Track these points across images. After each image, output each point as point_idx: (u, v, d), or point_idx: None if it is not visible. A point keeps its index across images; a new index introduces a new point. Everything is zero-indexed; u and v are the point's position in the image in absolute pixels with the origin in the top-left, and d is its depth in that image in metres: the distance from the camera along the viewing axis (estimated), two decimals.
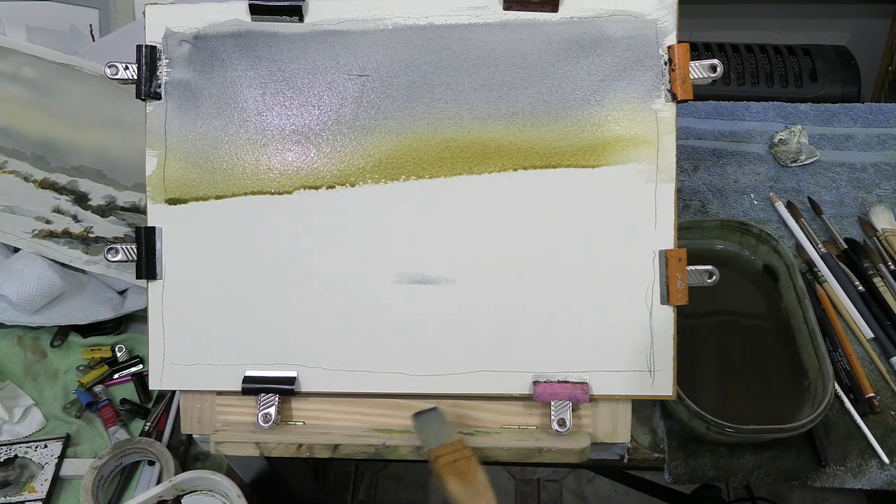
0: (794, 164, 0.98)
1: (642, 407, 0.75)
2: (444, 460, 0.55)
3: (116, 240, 0.85)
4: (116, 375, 0.83)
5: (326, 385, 0.62)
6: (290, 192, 0.62)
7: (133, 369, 0.83)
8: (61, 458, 0.76)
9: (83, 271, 0.85)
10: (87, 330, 0.86)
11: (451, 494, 0.53)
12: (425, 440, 0.58)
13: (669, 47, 0.59)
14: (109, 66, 0.61)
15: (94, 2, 0.84)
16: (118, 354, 0.84)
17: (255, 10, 0.61)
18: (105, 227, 0.85)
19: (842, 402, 0.75)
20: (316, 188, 0.62)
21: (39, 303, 0.81)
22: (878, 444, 0.72)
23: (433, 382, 0.62)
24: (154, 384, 0.63)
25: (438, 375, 0.62)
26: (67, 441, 0.78)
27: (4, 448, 0.77)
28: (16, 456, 0.76)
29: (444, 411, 0.60)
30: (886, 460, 0.71)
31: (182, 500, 0.70)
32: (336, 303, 0.62)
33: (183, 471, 0.75)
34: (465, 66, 0.61)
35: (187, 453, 0.78)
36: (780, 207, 0.93)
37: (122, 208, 0.85)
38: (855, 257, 0.86)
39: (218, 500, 0.71)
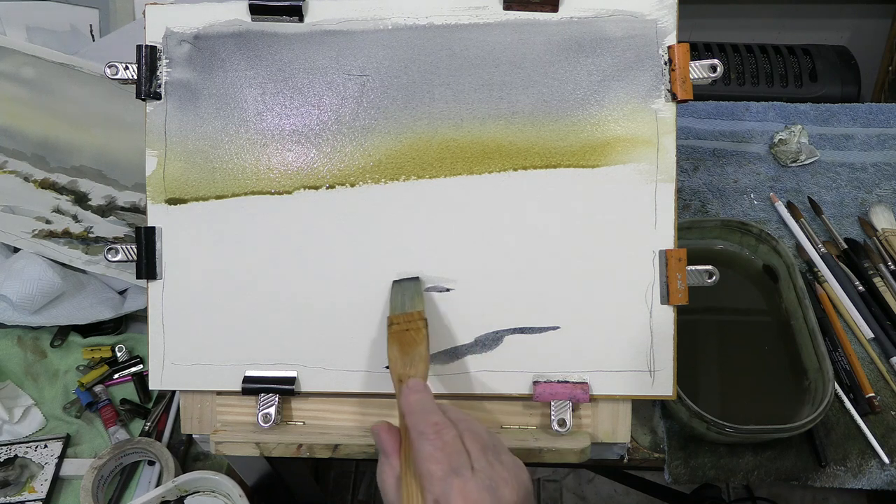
0: (794, 164, 0.98)
1: (642, 407, 0.75)
2: (395, 328, 0.55)
3: (116, 240, 0.85)
4: (116, 375, 0.83)
5: (326, 385, 0.62)
6: (290, 192, 0.62)
7: (133, 369, 0.83)
8: (61, 458, 0.76)
9: (83, 271, 0.85)
10: (87, 330, 0.86)
11: (390, 360, 0.54)
12: (391, 306, 0.59)
13: (669, 47, 0.59)
14: (109, 66, 0.61)
15: (94, 2, 0.84)
16: (118, 354, 0.84)
17: (255, 10, 0.61)
18: (105, 227, 0.85)
19: (842, 402, 0.75)
20: (316, 188, 0.62)
21: (39, 303, 0.81)
22: (878, 444, 0.72)
23: (433, 382, 0.61)
24: (154, 384, 0.63)
25: (439, 375, 0.62)
26: (67, 441, 0.78)
27: (4, 448, 0.77)
28: (16, 456, 0.76)
29: (421, 284, 0.60)
30: (886, 460, 0.71)
31: (185, 501, 0.70)
32: (336, 303, 0.62)
33: (183, 470, 0.75)
34: (465, 66, 0.61)
35: (187, 453, 0.78)
36: (780, 207, 0.93)
37: (122, 208, 0.85)
38: (855, 257, 0.86)
39: (220, 501, 0.71)
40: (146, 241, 0.62)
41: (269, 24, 0.62)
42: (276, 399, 0.62)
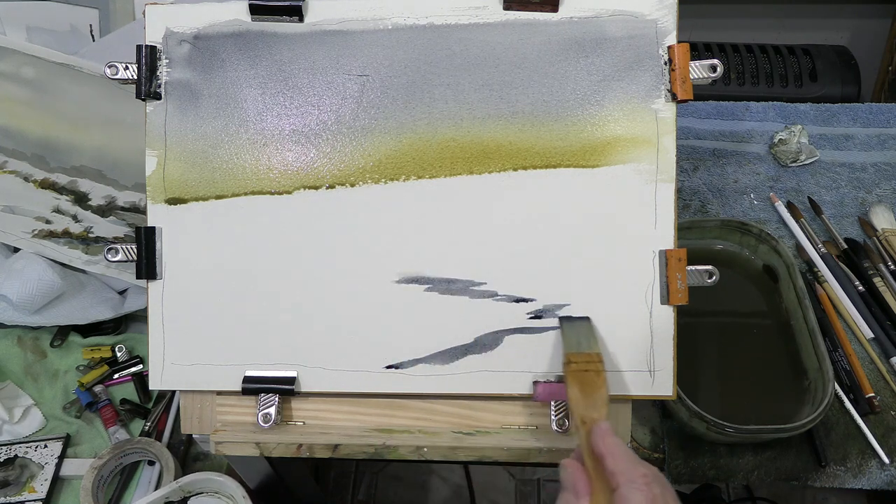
0: (794, 164, 0.98)
1: (642, 407, 0.75)
2: (575, 367, 0.56)
3: (116, 240, 0.85)
4: (116, 375, 0.83)
5: (326, 385, 0.62)
6: (290, 192, 0.62)
7: (133, 369, 0.83)
8: (61, 458, 0.76)
9: (83, 271, 0.85)
10: (87, 330, 0.86)
11: (570, 400, 0.54)
12: (566, 343, 0.59)
13: (669, 47, 0.59)
14: (109, 66, 0.61)
15: (94, 2, 0.84)
16: (118, 354, 0.84)
17: (255, 10, 0.61)
18: (105, 227, 0.85)
19: (842, 402, 0.75)
20: (316, 188, 0.62)
21: (39, 303, 0.81)
22: (878, 444, 0.72)
23: (433, 382, 0.62)
24: (154, 384, 0.63)
25: (439, 375, 0.62)
26: (67, 441, 0.78)
27: (4, 448, 0.77)
28: (16, 456, 0.76)
29: (593, 324, 0.60)
30: (886, 460, 0.71)
31: (188, 502, 0.70)
32: (336, 303, 0.62)
33: (183, 470, 0.75)
34: (464, 66, 0.61)
35: (187, 453, 0.78)
36: (780, 207, 0.93)
37: (122, 208, 0.85)
38: (855, 257, 0.86)
39: (224, 502, 0.71)
40: (146, 241, 0.62)
41: (269, 24, 0.62)
42: (276, 399, 0.62)
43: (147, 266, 0.62)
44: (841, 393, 0.75)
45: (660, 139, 0.60)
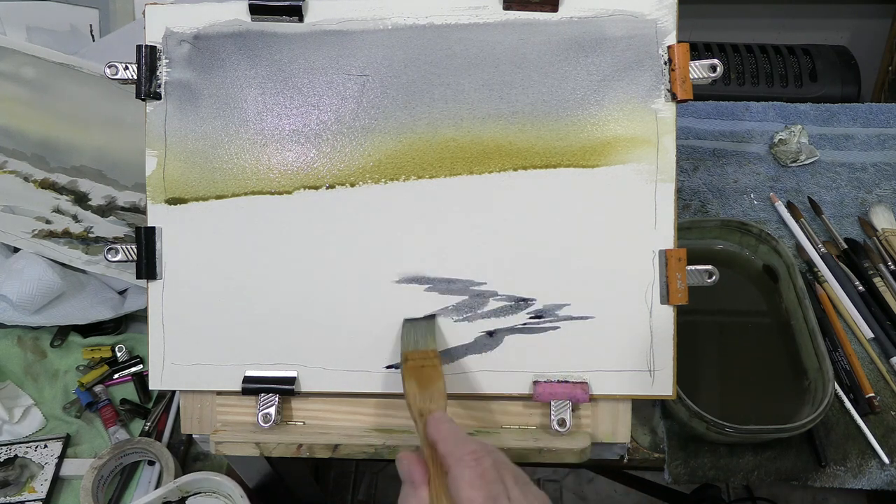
0: (794, 164, 0.98)
1: (642, 407, 0.75)
2: (411, 364, 0.56)
3: (116, 240, 0.85)
4: (116, 375, 0.83)
5: (326, 385, 0.62)
6: (290, 192, 0.62)
7: (133, 369, 0.83)
8: (61, 458, 0.76)
9: (83, 271, 0.85)
10: (87, 330, 0.86)
11: (407, 395, 0.54)
12: (404, 343, 0.59)
13: (669, 47, 0.59)
14: (109, 66, 0.61)
15: (94, 2, 0.84)
16: (118, 354, 0.84)
17: (255, 10, 0.61)
18: (105, 227, 0.85)
19: (842, 402, 0.75)
20: (316, 188, 0.62)
21: (39, 303, 0.81)
22: (878, 444, 0.72)
23: None
24: (154, 384, 0.63)
25: None
26: (67, 441, 0.78)
27: (4, 448, 0.77)
28: (16, 456, 0.76)
29: (435, 323, 0.61)
30: (886, 460, 0.71)
31: (186, 502, 0.70)
32: (336, 303, 0.62)
33: (183, 471, 0.76)
34: (464, 66, 0.61)
35: (187, 453, 0.78)
36: (780, 207, 0.93)
37: (122, 208, 0.85)
38: (855, 257, 0.86)
39: (222, 502, 0.71)
40: (146, 241, 0.62)
41: (268, 24, 0.62)
42: (276, 399, 0.62)
43: (147, 266, 0.62)
44: (841, 393, 0.75)
45: (660, 139, 0.60)
